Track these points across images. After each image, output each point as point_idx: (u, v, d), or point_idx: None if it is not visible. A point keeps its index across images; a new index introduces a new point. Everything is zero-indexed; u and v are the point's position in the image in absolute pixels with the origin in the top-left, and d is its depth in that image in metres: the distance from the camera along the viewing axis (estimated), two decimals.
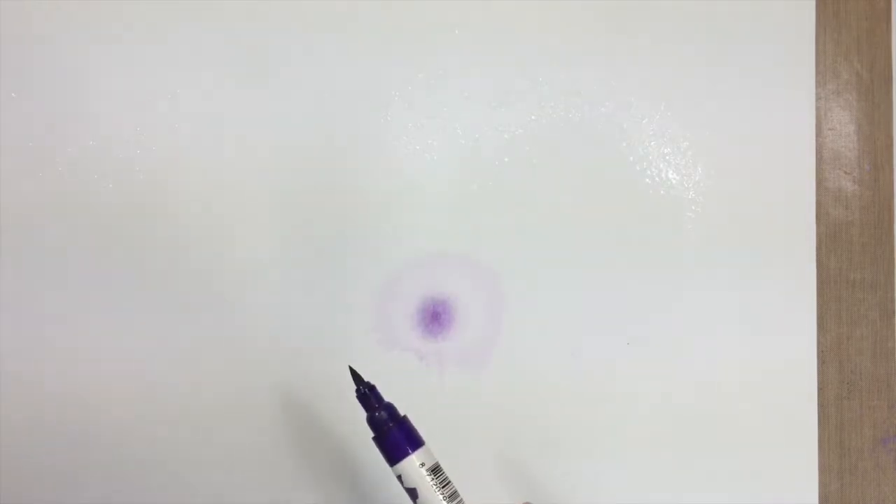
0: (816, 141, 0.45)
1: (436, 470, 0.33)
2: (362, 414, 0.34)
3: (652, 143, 0.44)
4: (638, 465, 0.43)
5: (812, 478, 0.43)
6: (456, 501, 0.33)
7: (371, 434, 0.34)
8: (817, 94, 0.45)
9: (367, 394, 0.34)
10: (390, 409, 0.34)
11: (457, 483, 0.33)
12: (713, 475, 0.43)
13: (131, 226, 0.41)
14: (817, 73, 0.45)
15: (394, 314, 0.43)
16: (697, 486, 0.43)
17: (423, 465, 0.33)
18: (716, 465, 0.43)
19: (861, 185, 0.45)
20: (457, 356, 0.43)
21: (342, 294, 0.43)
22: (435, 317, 0.43)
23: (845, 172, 0.45)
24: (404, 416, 0.34)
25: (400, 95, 0.44)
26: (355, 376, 0.35)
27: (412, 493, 0.33)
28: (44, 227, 0.41)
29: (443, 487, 0.33)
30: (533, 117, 0.44)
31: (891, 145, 0.45)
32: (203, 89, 0.42)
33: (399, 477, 0.33)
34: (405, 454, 0.33)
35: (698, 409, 0.43)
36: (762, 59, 0.44)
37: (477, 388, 0.43)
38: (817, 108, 0.45)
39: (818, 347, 0.44)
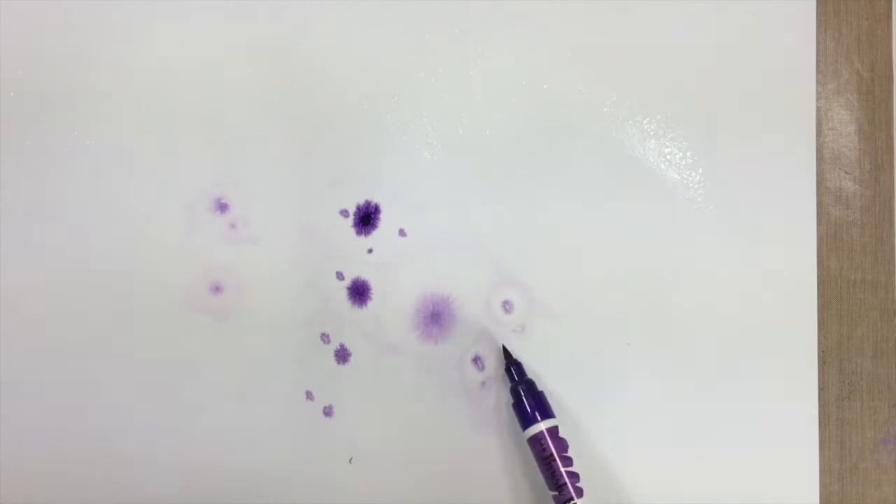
0: (817, 140, 0.45)
1: (560, 442, 0.38)
2: (365, 415, 0.34)
3: (652, 143, 0.44)
4: (637, 465, 0.43)
5: (813, 478, 0.43)
6: (572, 480, 0.37)
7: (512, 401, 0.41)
8: (818, 93, 0.45)
9: (513, 368, 0.41)
10: (530, 383, 0.41)
11: (461, 480, 0.33)
12: (714, 475, 0.43)
13: None
14: (818, 72, 0.45)
15: (391, 314, 0.43)
16: (698, 486, 0.43)
17: (550, 431, 0.39)
18: (716, 465, 0.43)
19: (862, 185, 0.45)
20: (457, 357, 0.43)
21: (340, 292, 0.43)
22: (434, 317, 0.43)
23: (846, 172, 0.45)
24: (541, 391, 0.41)
25: (399, 92, 0.44)
26: (506, 353, 0.42)
27: (538, 457, 0.39)
28: None
29: (562, 458, 0.38)
30: (534, 116, 0.44)
31: (892, 145, 0.45)
32: None
33: (528, 442, 0.39)
34: (534, 421, 0.39)
35: (698, 409, 0.43)
36: (762, 57, 0.44)
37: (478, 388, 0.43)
38: (818, 108, 0.45)
39: (818, 347, 0.44)
